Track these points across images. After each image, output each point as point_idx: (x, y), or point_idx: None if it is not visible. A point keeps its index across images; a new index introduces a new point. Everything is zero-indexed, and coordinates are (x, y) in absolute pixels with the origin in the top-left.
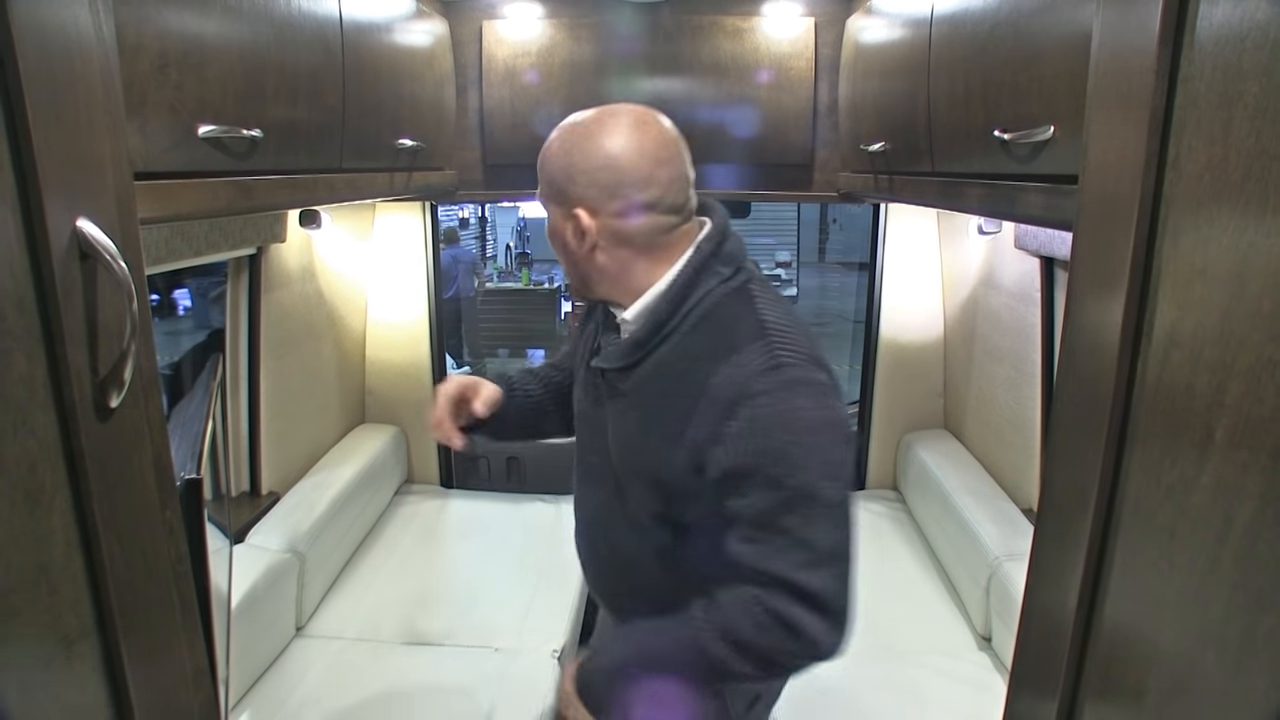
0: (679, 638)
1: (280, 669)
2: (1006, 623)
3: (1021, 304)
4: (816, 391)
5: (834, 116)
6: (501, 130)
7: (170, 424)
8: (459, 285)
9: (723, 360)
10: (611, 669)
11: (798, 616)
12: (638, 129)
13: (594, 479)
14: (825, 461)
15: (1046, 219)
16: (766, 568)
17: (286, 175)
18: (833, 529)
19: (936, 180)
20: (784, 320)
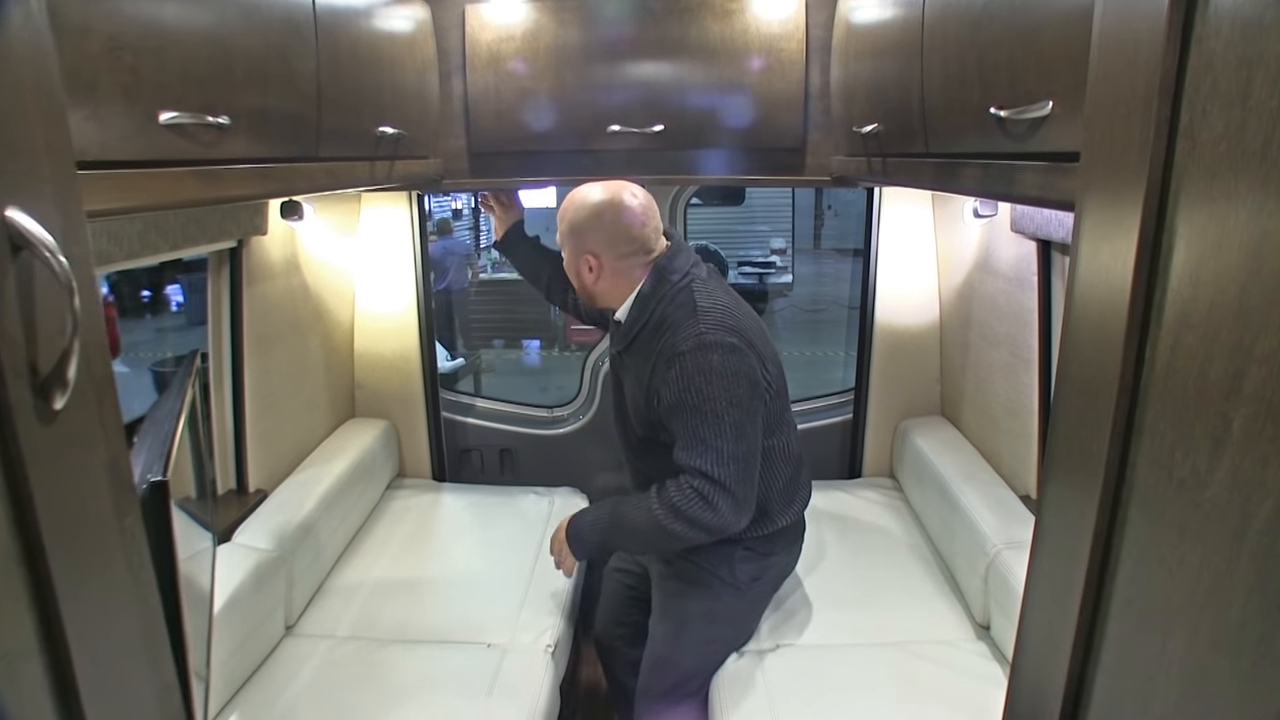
0: (640, 504)
1: (270, 669)
2: (1005, 611)
3: (1018, 288)
4: (726, 350)
5: (826, 99)
6: (487, 118)
7: (144, 425)
8: (452, 277)
9: (670, 333)
10: (593, 520)
11: (710, 492)
12: (627, 206)
13: (621, 421)
14: (730, 395)
15: (1044, 199)
16: (691, 463)
17: (258, 164)
18: (735, 438)
19: (931, 162)
20: (713, 304)
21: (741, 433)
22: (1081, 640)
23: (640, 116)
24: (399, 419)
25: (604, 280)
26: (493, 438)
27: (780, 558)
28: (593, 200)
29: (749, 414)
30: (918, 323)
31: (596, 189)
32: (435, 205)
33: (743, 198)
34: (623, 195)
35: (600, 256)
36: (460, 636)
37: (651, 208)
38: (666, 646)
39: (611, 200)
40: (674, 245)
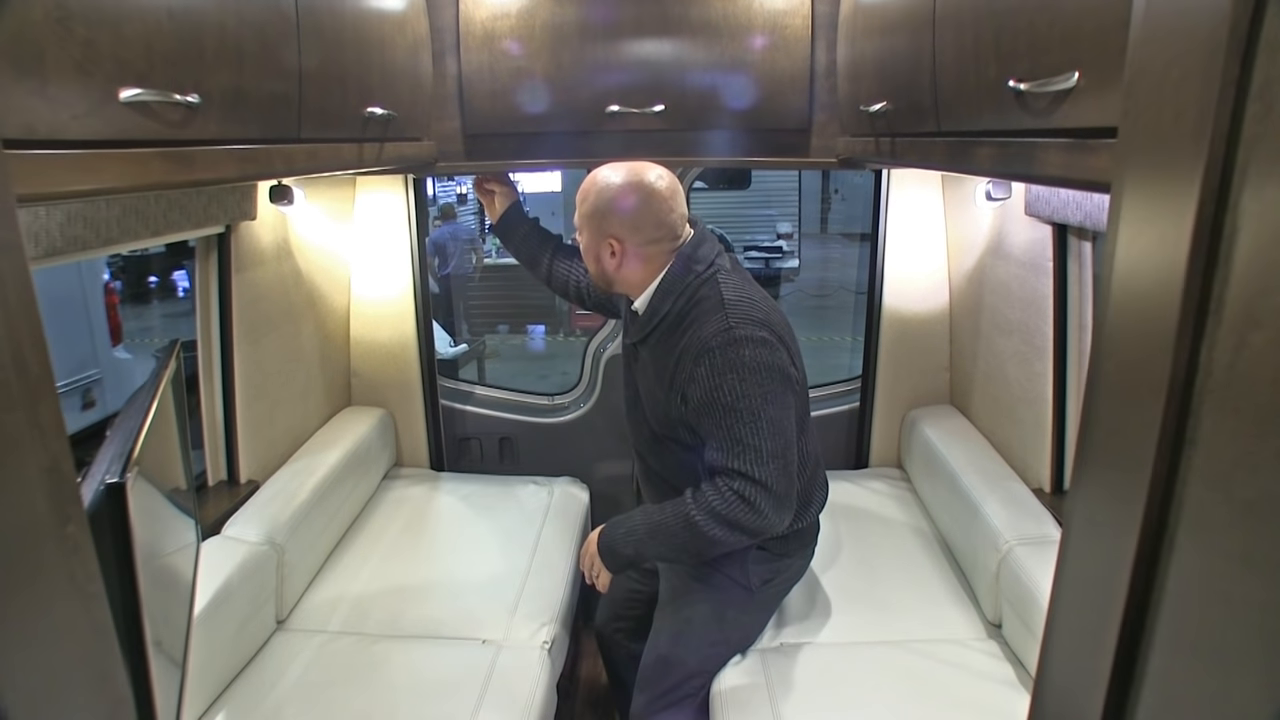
0: (675, 510)
1: (260, 664)
2: (1018, 610)
3: (1032, 274)
4: (757, 344)
5: (832, 78)
6: (482, 98)
7: (117, 421)
8: (456, 262)
9: (695, 327)
10: (626, 532)
11: (752, 494)
12: (655, 189)
13: (634, 416)
14: (764, 391)
15: (1069, 179)
16: (729, 464)
17: (233, 146)
18: (773, 435)
19: (943, 141)
20: (740, 296)
21: (779, 429)
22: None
23: (640, 97)
24: (396, 407)
25: (626, 267)
26: (492, 426)
27: (794, 560)
28: (618, 182)
29: (784, 409)
30: (927, 309)
31: (621, 169)
32: (440, 190)
33: (748, 181)
34: (649, 177)
35: (624, 241)
36: (455, 632)
37: (678, 192)
38: (670, 645)
39: (639, 182)
40: (698, 233)
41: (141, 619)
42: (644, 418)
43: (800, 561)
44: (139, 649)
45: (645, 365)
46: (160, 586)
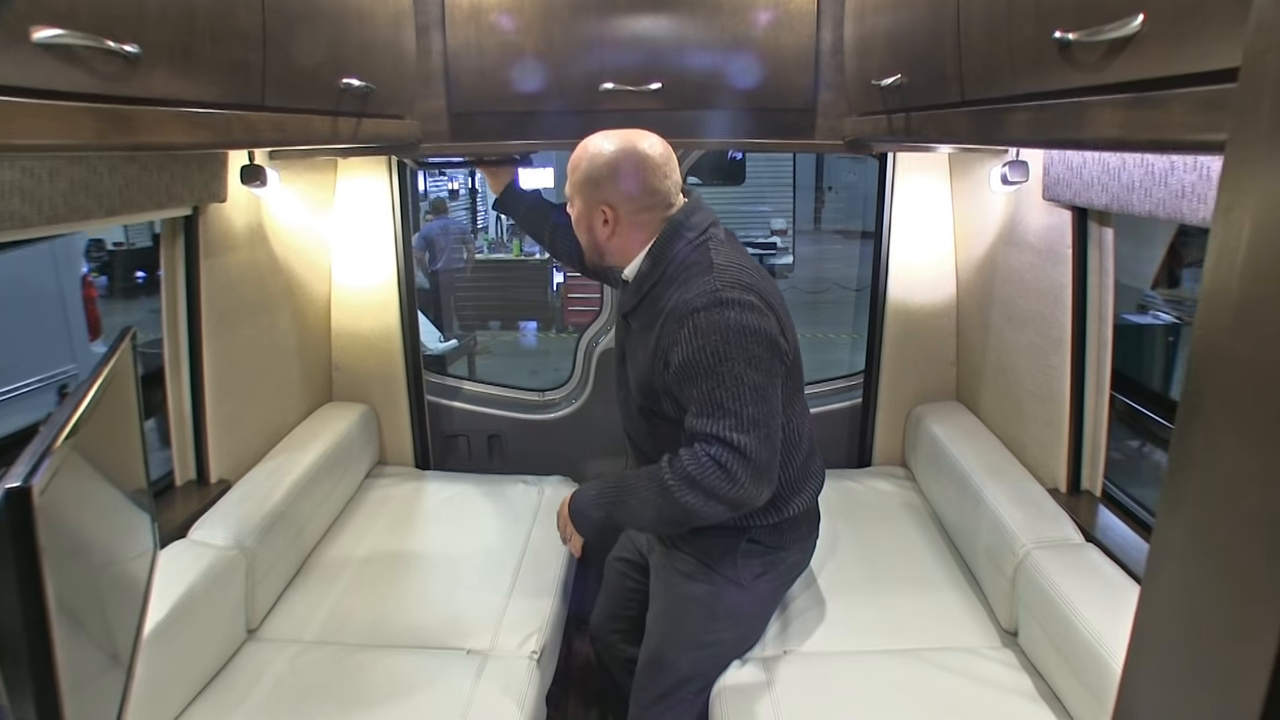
0: (649, 474)
1: (228, 676)
2: (1036, 617)
3: (1048, 262)
4: (743, 307)
5: (838, 56)
6: (468, 75)
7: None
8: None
9: (678, 290)
10: (598, 493)
11: (730, 461)
12: (648, 155)
13: (622, 392)
14: (748, 355)
15: (1127, 140)
16: (709, 429)
17: (184, 108)
18: (756, 402)
19: (967, 111)
20: (730, 262)
21: (762, 395)
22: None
23: (636, 74)
24: (379, 403)
25: (618, 235)
26: (480, 423)
27: (790, 554)
28: (610, 149)
29: (769, 376)
30: (933, 302)
31: (613, 137)
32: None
33: (743, 177)
34: (642, 144)
35: (617, 209)
36: (438, 641)
37: (672, 159)
38: (662, 645)
39: (631, 149)
40: (692, 202)
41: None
42: (630, 391)
43: (797, 556)
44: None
45: (633, 336)
46: (107, 591)
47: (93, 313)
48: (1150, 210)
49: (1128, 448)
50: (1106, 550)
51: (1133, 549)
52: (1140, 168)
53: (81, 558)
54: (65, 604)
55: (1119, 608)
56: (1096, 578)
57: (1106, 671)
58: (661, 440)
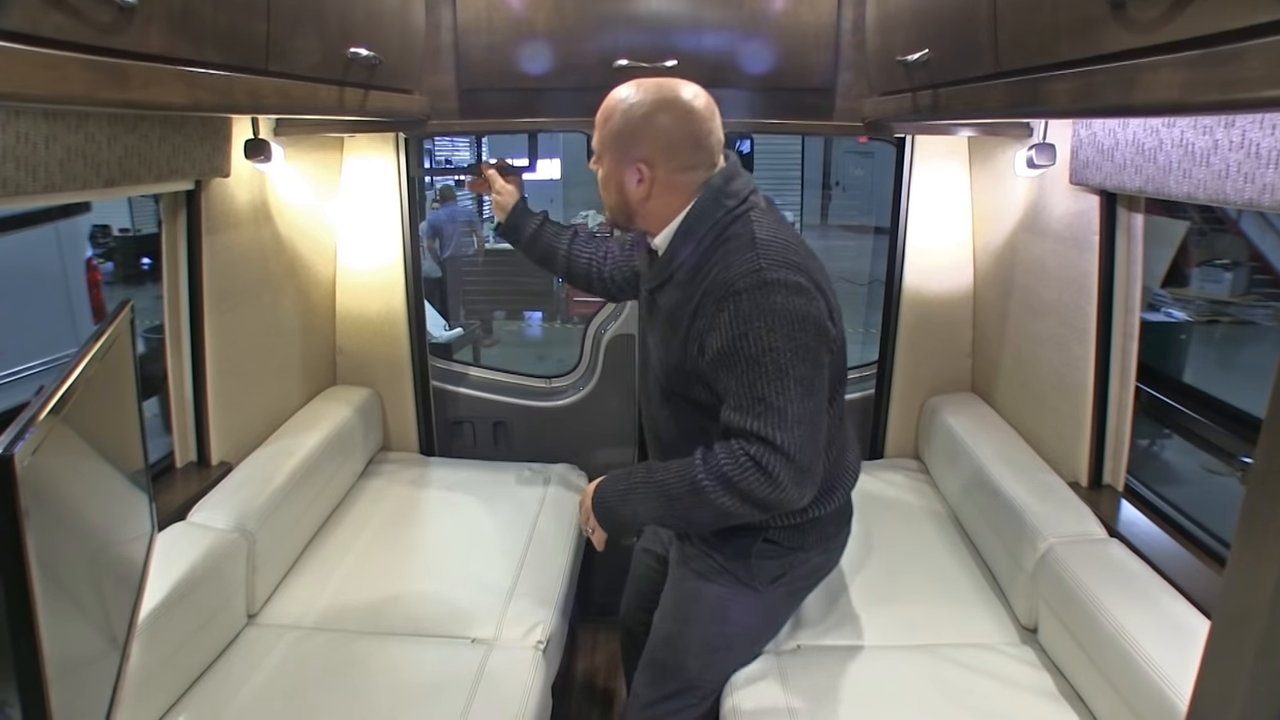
0: (680, 472)
1: (227, 662)
2: (1057, 614)
3: (1073, 250)
4: (791, 290)
5: (859, 35)
6: (478, 51)
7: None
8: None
9: (720, 267)
10: (624, 488)
11: (771, 462)
12: (693, 107)
13: (645, 372)
14: (795, 344)
15: (1187, 102)
16: (749, 426)
17: (183, 66)
18: (801, 396)
19: (1002, 83)
20: (774, 236)
21: (809, 389)
22: None
23: (650, 51)
24: (383, 387)
25: (654, 197)
26: (486, 409)
27: (811, 555)
28: (648, 98)
29: (816, 367)
30: (949, 291)
31: (650, 85)
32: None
33: (750, 167)
34: (685, 94)
35: (654, 167)
36: (442, 630)
37: (716, 113)
38: (666, 647)
39: (674, 98)
40: (731, 165)
41: (33, 609)
42: (654, 374)
43: (818, 558)
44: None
45: (660, 314)
46: (101, 572)
47: (97, 297)
48: (1189, 193)
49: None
50: (1130, 545)
51: (1158, 545)
52: (1179, 148)
53: (72, 536)
54: (52, 581)
55: (1145, 603)
56: (1121, 573)
57: (1132, 668)
58: (686, 429)
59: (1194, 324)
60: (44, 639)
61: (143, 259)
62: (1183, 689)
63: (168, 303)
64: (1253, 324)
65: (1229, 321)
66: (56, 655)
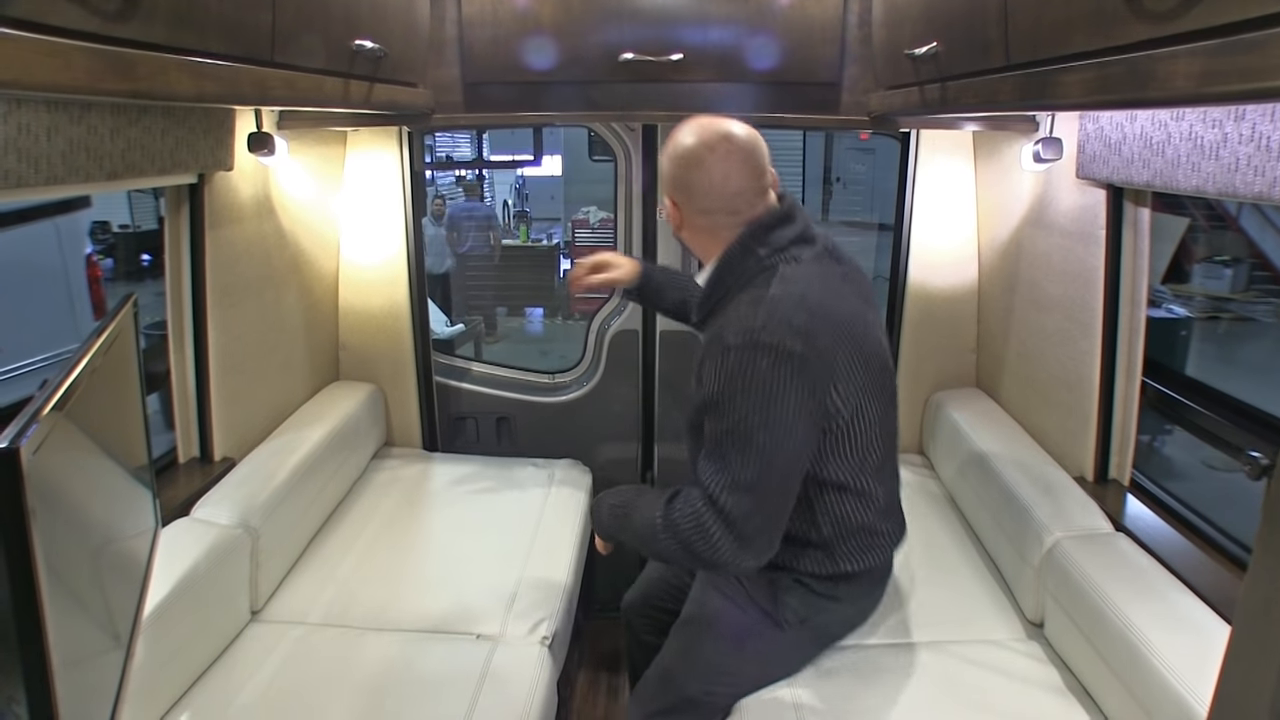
0: (651, 503)
1: (231, 659)
2: (1064, 608)
3: (1079, 244)
4: (779, 357)
5: (865, 28)
6: (482, 44)
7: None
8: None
9: (732, 318)
10: (611, 506)
11: (710, 522)
12: (714, 155)
13: (684, 400)
14: (766, 416)
15: (1205, 93)
16: (704, 479)
17: (189, 57)
18: (758, 466)
19: (1012, 76)
20: (789, 293)
21: (768, 462)
22: None
23: (656, 44)
24: (387, 382)
25: (686, 231)
26: (489, 405)
27: (841, 606)
28: (685, 143)
29: (787, 441)
30: (954, 286)
31: (694, 129)
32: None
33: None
34: (717, 143)
35: (680, 206)
36: (447, 626)
37: (750, 163)
38: (676, 663)
39: (700, 146)
40: (780, 211)
41: (39, 605)
42: (685, 401)
43: (850, 609)
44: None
45: (701, 347)
46: (105, 568)
47: (98, 293)
48: (1197, 186)
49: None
50: (1137, 540)
51: (1164, 539)
52: (1187, 141)
53: (77, 532)
54: (58, 578)
55: (1152, 598)
56: (1128, 567)
57: (1139, 662)
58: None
59: (1195, 320)
60: (50, 636)
61: (143, 255)
62: (1191, 683)
63: (170, 297)
64: (1253, 320)
65: (1230, 318)
66: (62, 652)
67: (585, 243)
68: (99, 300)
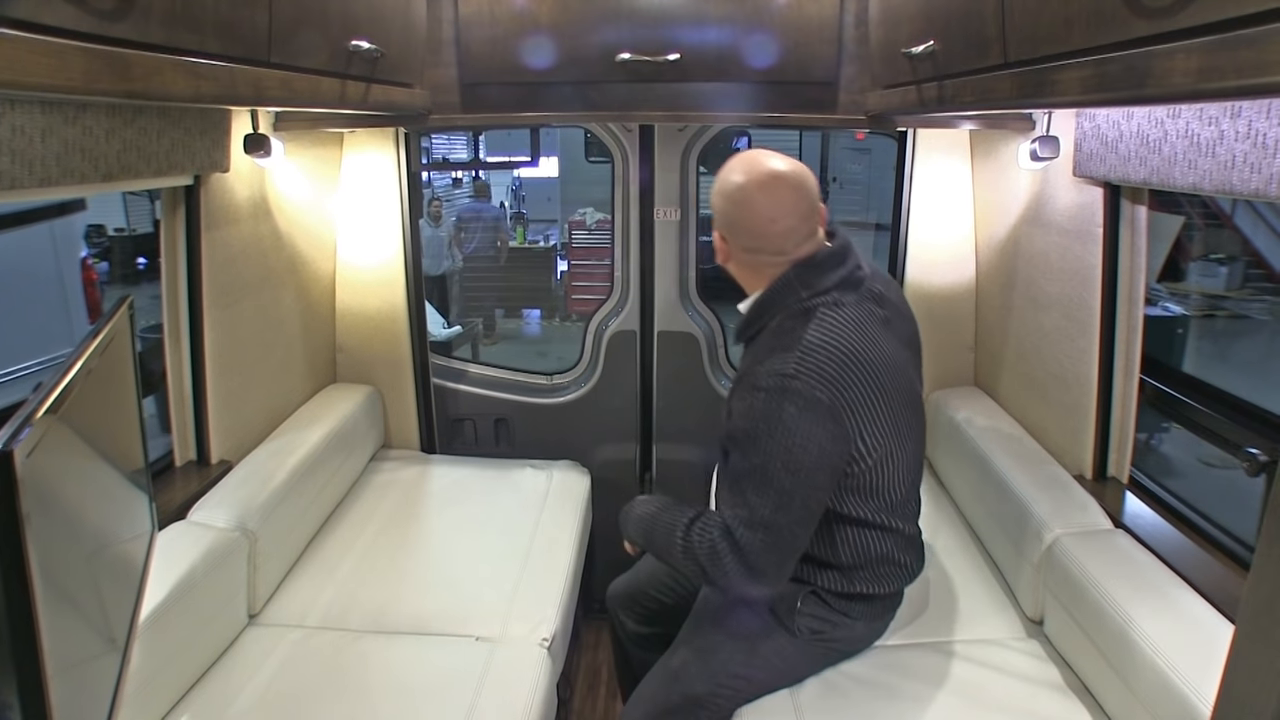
0: (675, 520)
1: (229, 662)
2: (1064, 605)
3: (1077, 242)
4: (807, 405)
5: (862, 28)
6: (480, 44)
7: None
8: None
9: (765, 358)
10: (639, 515)
11: (723, 552)
12: (776, 199)
13: None
14: (789, 459)
15: (1203, 90)
16: (725, 508)
17: (185, 57)
18: (775, 506)
19: (1010, 74)
20: (825, 340)
21: (785, 503)
22: None
23: (653, 45)
24: (384, 384)
25: (731, 264)
26: (487, 406)
27: (855, 624)
28: (733, 181)
29: (806, 484)
30: (951, 285)
31: (743, 166)
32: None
33: None
34: (766, 181)
35: (728, 241)
36: (445, 628)
37: (799, 203)
38: (684, 663)
39: (749, 185)
40: (827, 252)
41: (33, 607)
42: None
43: (863, 628)
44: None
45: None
46: (100, 572)
47: (93, 296)
48: (1194, 183)
49: None
50: (1136, 537)
51: (1164, 537)
52: (1184, 139)
53: (72, 535)
54: (52, 581)
55: (1152, 594)
56: (1129, 564)
57: (1140, 659)
58: None
59: (1191, 318)
60: (44, 641)
61: (139, 259)
62: (1192, 679)
63: (166, 299)
64: (1248, 318)
65: (1225, 316)
66: (57, 657)
67: (582, 244)
68: (94, 304)
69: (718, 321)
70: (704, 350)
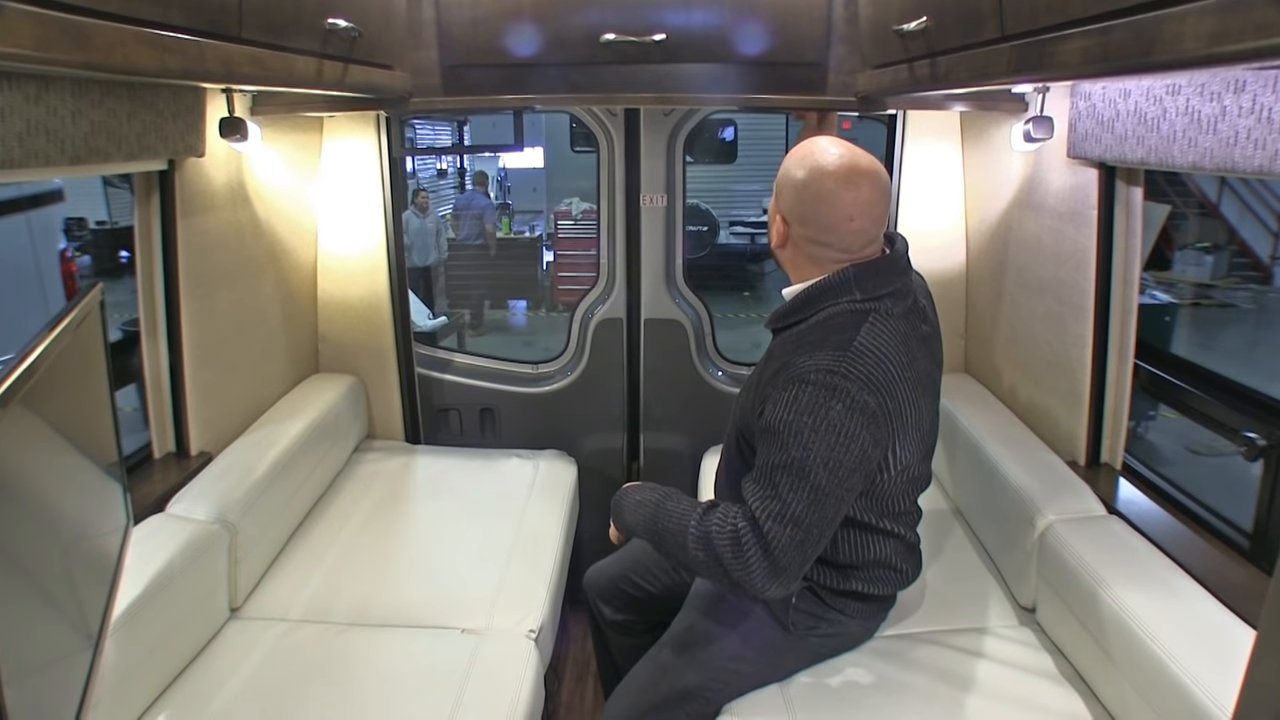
0: (683, 511)
1: (209, 657)
2: (1058, 593)
3: (1070, 225)
4: (854, 407)
5: (851, 8)
6: (461, 25)
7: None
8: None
9: (808, 351)
10: (637, 502)
11: (748, 542)
12: (860, 200)
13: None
14: (830, 456)
15: (1217, 55)
16: (751, 502)
17: (149, 29)
18: (810, 503)
19: (1007, 47)
20: (874, 347)
21: (820, 501)
22: None
23: (638, 26)
24: (367, 374)
25: (786, 250)
26: (472, 396)
27: (849, 621)
28: (809, 163)
29: (842, 485)
30: (941, 271)
31: (827, 156)
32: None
33: (735, 155)
34: (857, 180)
35: (789, 225)
36: (431, 620)
37: (878, 206)
38: (675, 654)
39: (838, 181)
40: (890, 259)
41: None
42: (735, 409)
43: (856, 627)
44: None
45: (763, 358)
46: (71, 566)
47: (72, 288)
48: (1194, 162)
49: None
50: (1130, 523)
51: (1157, 523)
52: (1184, 116)
53: (34, 526)
54: (11, 576)
55: (1148, 580)
56: (1123, 549)
57: (1135, 645)
58: (734, 476)
59: (1178, 306)
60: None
61: (120, 252)
62: (1188, 665)
63: (142, 288)
64: (1233, 306)
65: (1210, 304)
66: (14, 653)
67: (568, 235)
68: (73, 296)
69: (705, 309)
70: (691, 338)
